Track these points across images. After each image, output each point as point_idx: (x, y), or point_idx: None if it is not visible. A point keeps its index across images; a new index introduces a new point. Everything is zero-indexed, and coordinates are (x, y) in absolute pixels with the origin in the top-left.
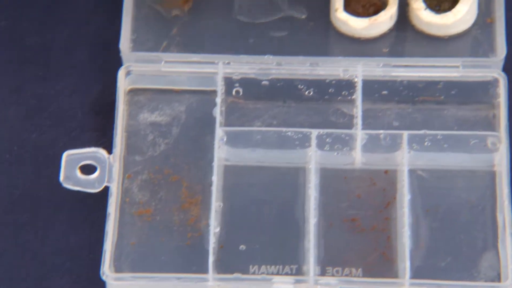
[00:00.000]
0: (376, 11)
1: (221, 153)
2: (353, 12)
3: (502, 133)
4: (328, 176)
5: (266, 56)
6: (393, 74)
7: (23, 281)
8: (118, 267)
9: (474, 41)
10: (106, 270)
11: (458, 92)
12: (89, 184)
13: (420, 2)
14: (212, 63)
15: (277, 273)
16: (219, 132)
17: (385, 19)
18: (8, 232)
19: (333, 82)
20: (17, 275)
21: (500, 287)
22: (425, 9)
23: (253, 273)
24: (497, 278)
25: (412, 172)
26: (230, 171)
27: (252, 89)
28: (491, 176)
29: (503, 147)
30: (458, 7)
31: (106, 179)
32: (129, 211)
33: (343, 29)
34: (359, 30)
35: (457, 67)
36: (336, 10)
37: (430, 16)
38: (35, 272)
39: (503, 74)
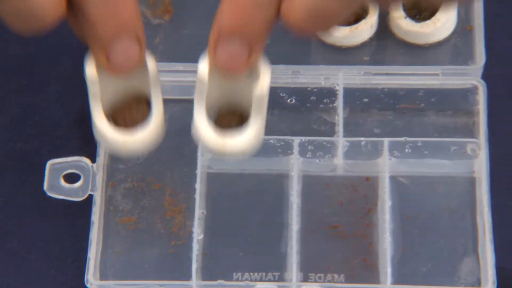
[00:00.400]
0: (357, 20)
1: (204, 161)
2: None
3: (482, 140)
4: (310, 183)
5: None
6: (374, 82)
7: None
8: (102, 275)
9: (453, 49)
10: (90, 278)
11: (438, 100)
12: (73, 193)
13: (400, 11)
14: (195, 72)
15: (260, 280)
16: None
17: (366, 28)
18: None
19: (315, 90)
20: (2, 283)
21: None
22: (405, 17)
23: (237, 279)
24: (477, 283)
25: (393, 178)
26: (213, 179)
27: None
28: (471, 182)
29: (483, 153)
30: (438, 16)
31: (90, 188)
32: (113, 219)
33: (324, 37)
34: (340, 39)
35: (437, 75)
36: None
37: (410, 24)
38: (20, 279)
39: (482, 81)
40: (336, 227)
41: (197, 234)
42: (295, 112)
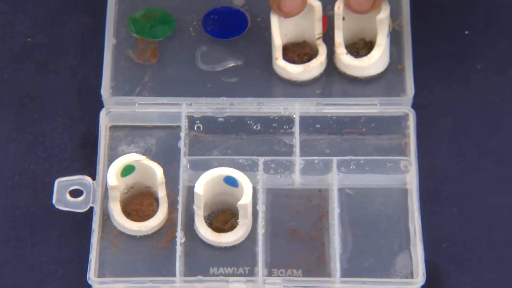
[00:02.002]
0: (309, 59)
1: (186, 177)
2: (290, 60)
3: (412, 158)
4: (273, 195)
5: (221, 98)
6: (324, 111)
7: (24, 286)
8: (101, 273)
9: (388, 83)
10: (92, 276)
11: (376, 125)
12: (77, 205)
13: (343, 48)
14: (177, 104)
15: (233, 274)
16: (183, 160)
17: (316, 65)
18: (10, 245)
19: (276, 118)
20: (18, 282)
21: (412, 282)
22: (346, 54)
23: (213, 274)
24: (410, 275)
25: (340, 190)
26: (193, 192)
27: (210, 125)
28: (404, 193)
29: (413, 169)
30: (372, 53)
31: (91, 201)
32: (110, 227)
33: (282, 74)
34: (295, 75)
35: (375, 104)
36: (276, 59)
37: (350, 59)
38: (33, 278)
39: (412, 110)
40: (295, 231)
41: (180, 238)
42: (260, 136)
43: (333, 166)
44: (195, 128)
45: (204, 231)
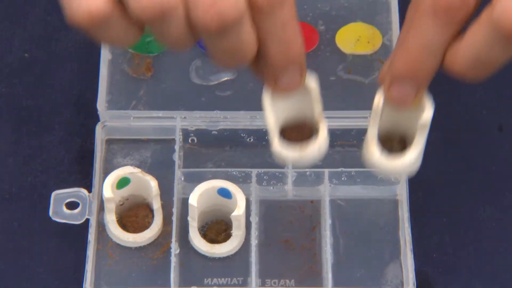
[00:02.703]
0: (308, 141)
1: (180, 189)
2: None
3: None
4: (266, 206)
5: (215, 111)
6: None
7: None
8: (97, 284)
9: None
10: (88, 286)
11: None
12: (73, 217)
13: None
14: (172, 117)
15: (227, 284)
16: (178, 173)
17: (313, 150)
18: (9, 256)
19: None
20: None
21: None
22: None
23: (207, 285)
24: (401, 284)
25: (332, 201)
26: (188, 203)
27: (204, 137)
28: (395, 204)
29: (403, 180)
30: (408, 155)
31: (87, 213)
32: (105, 238)
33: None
34: (291, 161)
35: (366, 118)
36: (271, 143)
37: (381, 158)
38: None
39: None
40: (287, 241)
41: (174, 249)
42: (253, 148)
43: (325, 177)
44: (189, 141)
45: (198, 242)
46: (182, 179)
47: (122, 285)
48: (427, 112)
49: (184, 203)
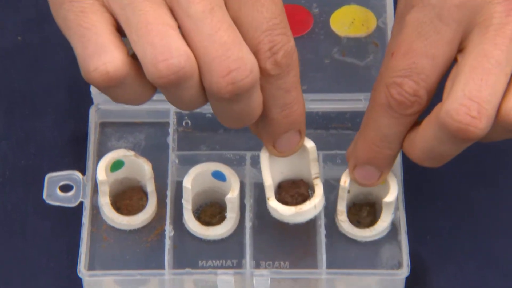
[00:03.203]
0: (303, 200)
1: (174, 172)
2: (283, 200)
3: None
4: (260, 188)
5: None
6: (311, 107)
7: (15, 279)
8: (91, 266)
9: (372, 79)
10: (82, 269)
11: (361, 120)
12: (67, 200)
13: (344, 215)
14: (166, 100)
15: (221, 266)
16: (172, 155)
17: (310, 209)
18: (2, 239)
19: None
20: (10, 274)
21: (397, 273)
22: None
23: (201, 267)
24: (395, 266)
25: (326, 182)
26: (182, 186)
27: (198, 120)
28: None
29: (397, 161)
30: (376, 227)
31: (80, 196)
32: (99, 221)
33: (274, 214)
34: (287, 217)
35: (360, 100)
36: (268, 199)
37: (351, 228)
38: (24, 271)
39: None
40: (282, 224)
41: (169, 232)
42: (247, 131)
43: (319, 160)
44: (184, 124)
45: (193, 225)
46: (176, 162)
47: (116, 268)
48: (391, 194)
49: (178, 186)
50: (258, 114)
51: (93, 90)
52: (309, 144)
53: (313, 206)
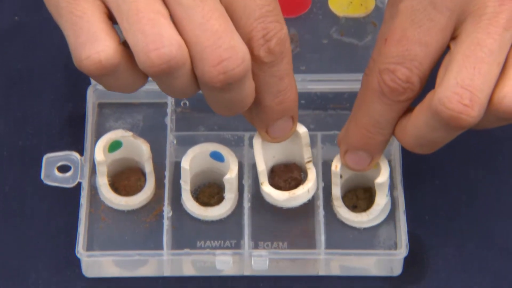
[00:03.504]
0: (297, 184)
1: (172, 153)
2: (276, 184)
3: None
4: None
5: None
6: (309, 87)
7: (13, 259)
8: (90, 247)
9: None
10: (80, 249)
11: None
12: (65, 181)
13: (340, 201)
14: None
15: (220, 247)
16: (170, 136)
17: (303, 193)
18: (0, 219)
19: None
20: (7, 255)
21: (395, 253)
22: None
23: (200, 247)
24: (394, 246)
25: (325, 164)
26: (180, 167)
27: (197, 101)
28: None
29: (396, 142)
30: (371, 210)
31: (78, 176)
32: (97, 202)
33: (268, 199)
34: (281, 202)
35: (359, 80)
36: (261, 184)
37: (348, 214)
38: (22, 252)
39: None
40: None
41: (167, 212)
42: None
43: (318, 140)
44: (182, 104)
45: (191, 205)
46: (175, 142)
47: (115, 249)
48: (382, 176)
49: (177, 166)
50: (250, 102)
51: None
52: (301, 129)
53: (306, 190)
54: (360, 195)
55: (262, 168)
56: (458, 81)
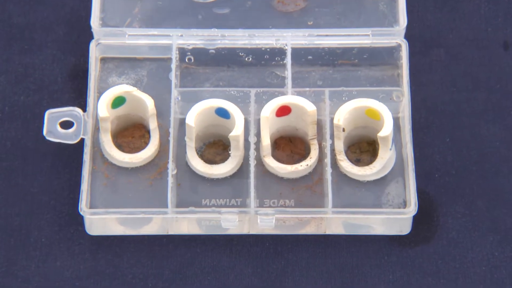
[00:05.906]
0: (300, 158)
1: (177, 109)
2: (280, 157)
3: (404, 88)
4: None
5: (212, 29)
6: (316, 42)
7: (16, 216)
8: (93, 204)
9: (381, 14)
10: (84, 207)
11: (369, 56)
12: (68, 137)
13: (343, 155)
14: (168, 35)
15: (225, 206)
16: (174, 92)
17: (305, 169)
18: (2, 176)
19: (268, 50)
20: (10, 211)
21: (404, 212)
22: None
23: (205, 205)
24: (403, 204)
25: (333, 120)
26: (184, 124)
27: (201, 56)
28: (397, 122)
29: (405, 99)
30: (375, 163)
31: (81, 133)
32: (100, 158)
33: (271, 170)
34: (283, 174)
35: (368, 35)
36: (264, 156)
37: (350, 167)
38: (25, 209)
39: (405, 40)
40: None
41: (171, 170)
42: (251, 68)
43: (325, 97)
44: (186, 60)
45: (196, 163)
46: (179, 98)
47: (119, 206)
48: (385, 129)
49: (181, 123)
50: None
51: (94, 24)
52: (310, 107)
53: (308, 166)
54: (363, 148)
55: (267, 143)
56: None
